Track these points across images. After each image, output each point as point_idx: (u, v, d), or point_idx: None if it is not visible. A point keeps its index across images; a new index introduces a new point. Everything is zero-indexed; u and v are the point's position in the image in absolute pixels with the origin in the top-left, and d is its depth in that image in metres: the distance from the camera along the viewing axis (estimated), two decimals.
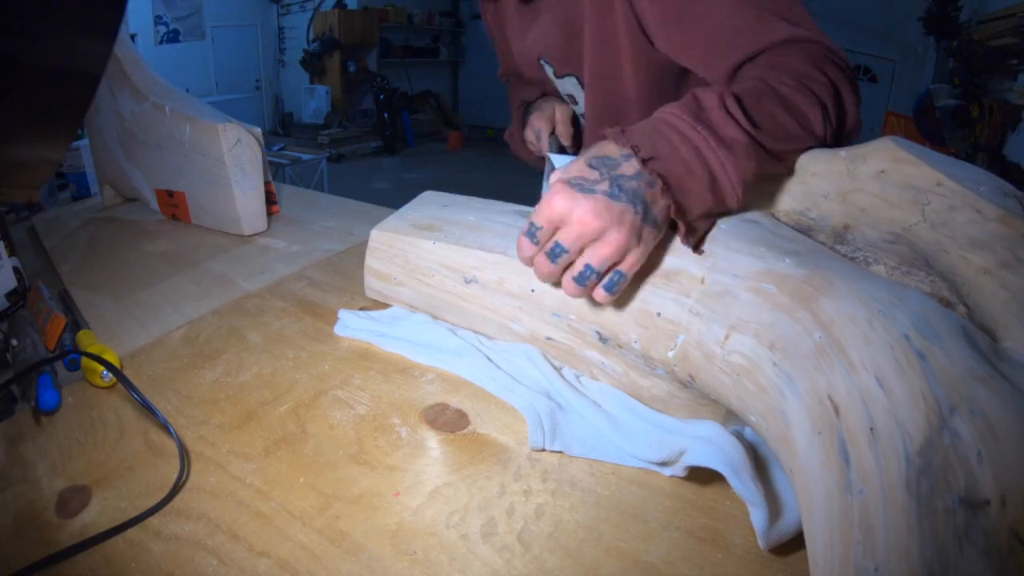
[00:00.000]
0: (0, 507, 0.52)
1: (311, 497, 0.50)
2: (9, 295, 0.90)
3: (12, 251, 0.94)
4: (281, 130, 9.10)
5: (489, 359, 0.66)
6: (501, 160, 7.30)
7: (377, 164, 7.26)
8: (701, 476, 0.51)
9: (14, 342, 0.74)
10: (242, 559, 0.45)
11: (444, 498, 0.50)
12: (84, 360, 0.67)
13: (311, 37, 8.20)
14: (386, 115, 7.77)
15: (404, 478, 0.52)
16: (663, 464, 0.51)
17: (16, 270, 0.93)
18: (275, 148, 5.16)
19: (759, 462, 0.49)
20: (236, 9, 9.02)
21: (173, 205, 1.24)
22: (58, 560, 0.45)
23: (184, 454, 0.54)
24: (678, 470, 0.50)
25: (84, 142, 1.63)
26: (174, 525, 0.48)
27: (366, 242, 0.75)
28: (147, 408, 0.59)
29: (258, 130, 1.13)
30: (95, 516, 0.49)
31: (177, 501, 0.50)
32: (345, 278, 0.90)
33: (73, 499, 0.51)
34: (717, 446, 0.48)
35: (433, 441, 0.57)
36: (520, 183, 1.47)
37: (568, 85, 0.98)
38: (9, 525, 0.50)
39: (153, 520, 0.48)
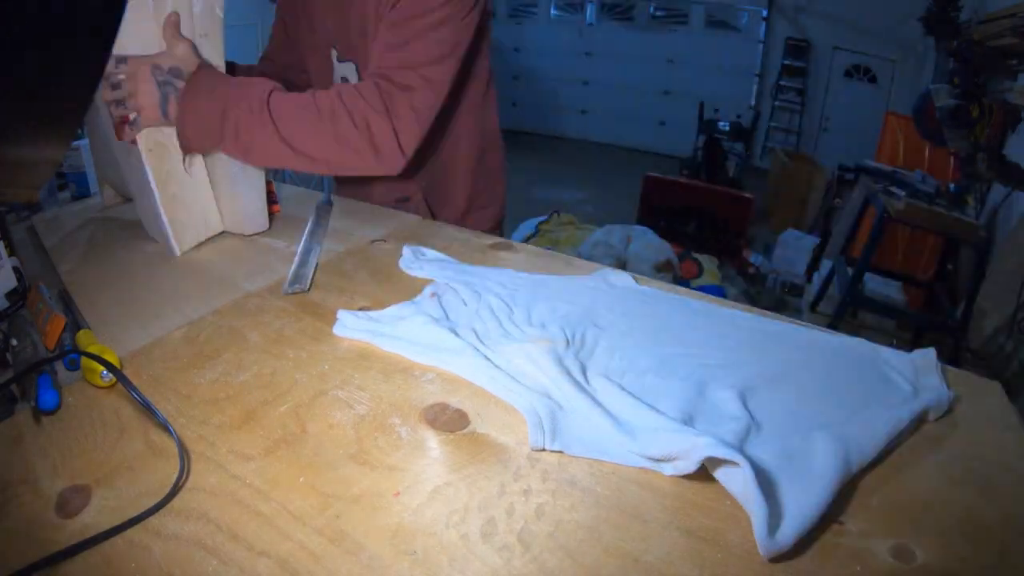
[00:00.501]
0: (0, 507, 0.51)
1: (311, 497, 0.50)
2: (9, 295, 0.90)
3: (12, 251, 0.93)
4: None
5: (488, 359, 0.66)
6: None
7: None
8: (701, 476, 0.51)
9: (14, 342, 0.74)
10: (242, 559, 0.45)
11: (444, 498, 0.50)
12: (84, 360, 0.66)
13: None
14: None
15: (404, 478, 0.52)
16: (665, 461, 0.51)
17: (16, 270, 0.92)
18: None
19: (760, 473, 0.49)
20: (235, 7, 9.00)
21: None
22: (58, 560, 0.44)
23: (184, 454, 0.54)
24: (688, 465, 0.50)
25: (84, 142, 1.63)
26: (174, 525, 0.48)
27: (366, 243, 0.76)
28: (147, 408, 0.59)
29: None
30: (95, 516, 0.49)
31: (177, 501, 0.50)
32: (345, 278, 0.90)
33: (73, 499, 0.51)
34: (722, 446, 0.48)
35: (433, 441, 0.57)
36: (511, 183, 1.47)
37: (346, 69, 1.17)
38: (9, 525, 0.49)
39: (153, 520, 0.48)
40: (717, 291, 3.15)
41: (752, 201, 4.24)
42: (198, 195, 1.06)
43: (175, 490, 0.50)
